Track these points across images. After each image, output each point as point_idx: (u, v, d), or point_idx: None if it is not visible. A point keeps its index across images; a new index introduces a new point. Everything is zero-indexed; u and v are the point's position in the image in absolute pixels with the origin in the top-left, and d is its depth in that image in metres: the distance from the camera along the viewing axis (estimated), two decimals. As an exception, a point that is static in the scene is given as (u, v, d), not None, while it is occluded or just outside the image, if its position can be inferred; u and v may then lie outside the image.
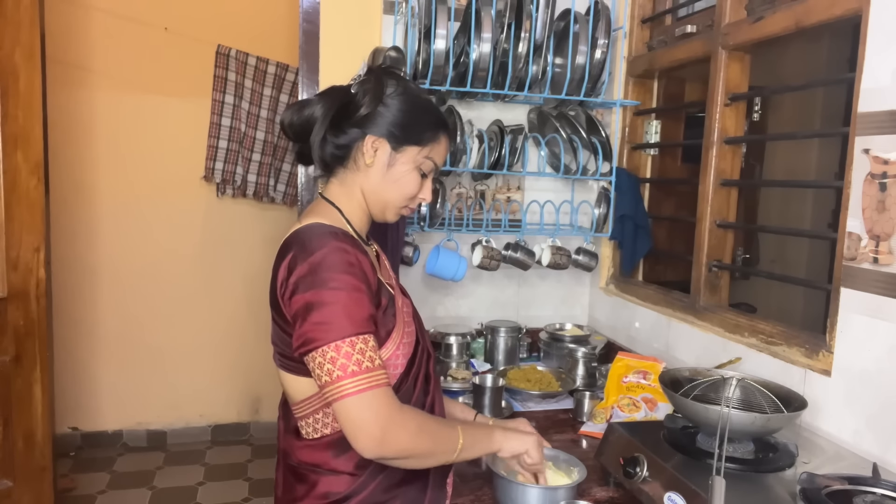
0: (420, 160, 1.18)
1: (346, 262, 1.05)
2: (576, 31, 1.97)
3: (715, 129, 1.77)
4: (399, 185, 1.18)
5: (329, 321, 1.00)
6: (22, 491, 2.17)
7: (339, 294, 1.02)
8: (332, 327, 1.00)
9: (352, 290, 1.03)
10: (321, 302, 1.01)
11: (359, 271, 1.05)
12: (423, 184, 1.20)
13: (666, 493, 1.11)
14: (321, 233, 1.08)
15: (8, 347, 2.12)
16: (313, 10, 2.00)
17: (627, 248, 2.14)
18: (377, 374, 1.01)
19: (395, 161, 1.17)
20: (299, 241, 1.08)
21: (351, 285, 1.03)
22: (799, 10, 1.47)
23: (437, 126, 1.19)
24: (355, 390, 0.98)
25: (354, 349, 1.00)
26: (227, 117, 3.52)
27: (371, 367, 1.00)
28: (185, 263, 3.61)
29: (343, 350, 0.99)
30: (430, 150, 1.18)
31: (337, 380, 0.99)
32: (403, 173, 1.17)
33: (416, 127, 1.17)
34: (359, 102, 1.15)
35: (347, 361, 0.99)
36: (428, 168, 1.19)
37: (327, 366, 1.00)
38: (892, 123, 1.22)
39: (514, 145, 2.03)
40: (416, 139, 1.17)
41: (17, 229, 2.10)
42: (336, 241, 1.07)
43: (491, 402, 1.67)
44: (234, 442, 3.75)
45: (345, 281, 1.03)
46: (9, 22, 2.03)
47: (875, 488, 1.04)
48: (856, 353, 1.30)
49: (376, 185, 1.18)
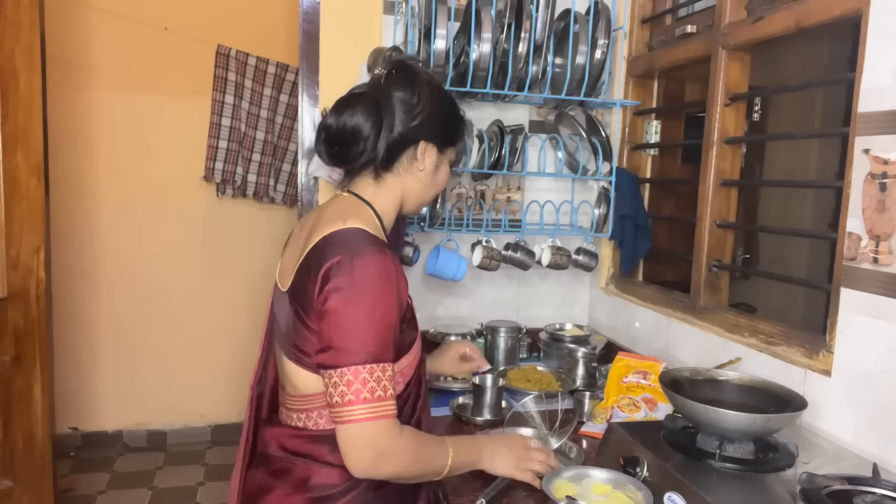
0: (451, 156, 1.23)
1: (387, 282, 1.04)
2: (576, 31, 1.97)
3: (715, 129, 1.77)
4: (438, 183, 1.23)
5: (355, 343, 1.01)
6: (22, 491, 2.17)
7: (372, 318, 1.02)
8: (356, 350, 1.01)
9: (385, 315, 1.03)
10: (353, 321, 1.02)
11: (396, 292, 1.05)
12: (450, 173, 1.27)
13: (666, 493, 1.11)
14: (368, 244, 1.06)
15: (8, 347, 2.12)
16: (313, 10, 2.00)
17: (627, 248, 2.14)
18: (387, 404, 1.02)
19: (442, 162, 1.21)
20: (346, 247, 1.05)
21: (386, 309, 1.03)
22: (799, 10, 1.47)
23: (464, 121, 1.25)
24: (361, 418, 1.00)
25: (372, 377, 1.01)
26: (227, 117, 3.52)
27: (383, 397, 1.01)
28: (185, 263, 3.61)
29: (361, 376, 1.01)
30: (460, 146, 1.25)
31: (348, 403, 1.00)
32: (444, 172, 1.22)
33: (456, 128, 1.21)
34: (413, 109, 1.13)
35: (362, 388, 1.00)
36: (452, 160, 1.25)
37: (342, 387, 1.01)
38: (892, 123, 1.22)
39: (514, 145, 2.03)
40: (454, 139, 1.21)
41: (17, 229, 2.10)
42: (382, 257, 1.05)
43: (491, 402, 1.67)
44: (234, 442, 3.71)
45: (382, 305, 1.03)
46: (9, 22, 2.03)
47: (875, 488, 1.04)
48: (856, 353, 1.30)
49: (422, 187, 1.20)
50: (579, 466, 1.28)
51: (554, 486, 1.20)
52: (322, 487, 1.10)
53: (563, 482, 1.22)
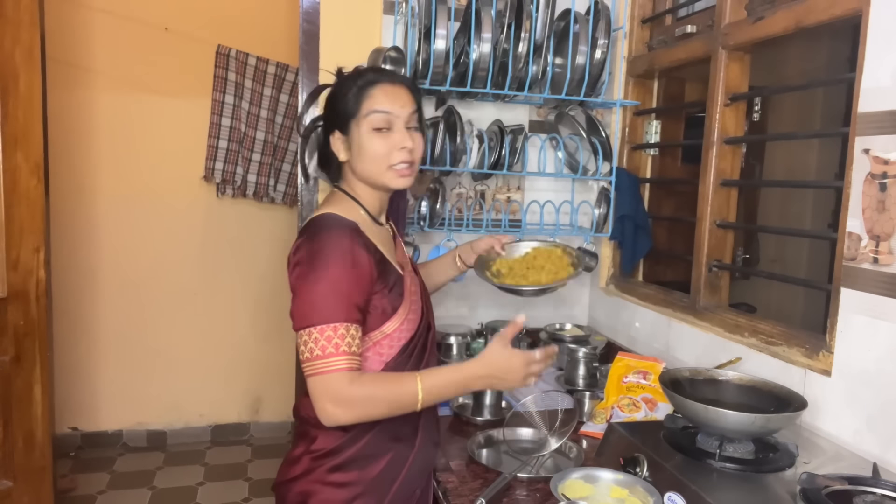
0: (364, 122, 1.25)
1: (339, 255, 1.17)
2: (576, 31, 1.97)
3: (715, 129, 1.77)
4: (366, 154, 1.26)
5: (310, 306, 1.15)
6: (22, 491, 2.17)
7: (320, 285, 1.15)
8: (311, 312, 1.15)
9: (335, 283, 1.15)
10: (308, 287, 1.16)
11: (351, 263, 1.17)
12: (389, 137, 1.26)
13: (666, 493, 1.11)
14: (329, 223, 1.21)
15: (8, 347, 2.12)
16: (313, 10, 2.00)
17: (627, 248, 2.14)
18: (336, 359, 1.13)
19: (351, 141, 1.27)
20: (310, 228, 1.22)
21: (338, 276, 1.15)
22: (799, 10, 1.47)
23: (362, 89, 1.25)
24: (313, 372, 1.13)
25: (322, 336, 1.13)
26: (227, 117, 3.52)
27: (334, 353, 1.13)
28: (185, 263, 3.61)
29: (313, 336, 1.14)
30: (363, 109, 1.25)
31: (306, 360, 1.14)
32: (363, 144, 1.25)
33: (344, 104, 1.26)
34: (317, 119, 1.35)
35: (315, 346, 1.13)
36: (377, 120, 1.25)
37: (301, 346, 1.15)
38: (892, 123, 1.22)
39: (514, 145, 2.03)
40: (349, 113, 1.26)
41: (17, 229, 2.10)
42: (337, 232, 1.19)
43: (491, 402, 1.67)
44: (234, 442, 3.74)
45: (331, 273, 1.15)
46: (9, 22, 2.03)
47: (875, 488, 1.04)
48: (856, 353, 1.30)
49: (357, 168, 1.28)
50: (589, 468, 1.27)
51: (565, 485, 1.20)
52: (323, 449, 1.23)
53: (574, 481, 1.22)
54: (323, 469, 1.23)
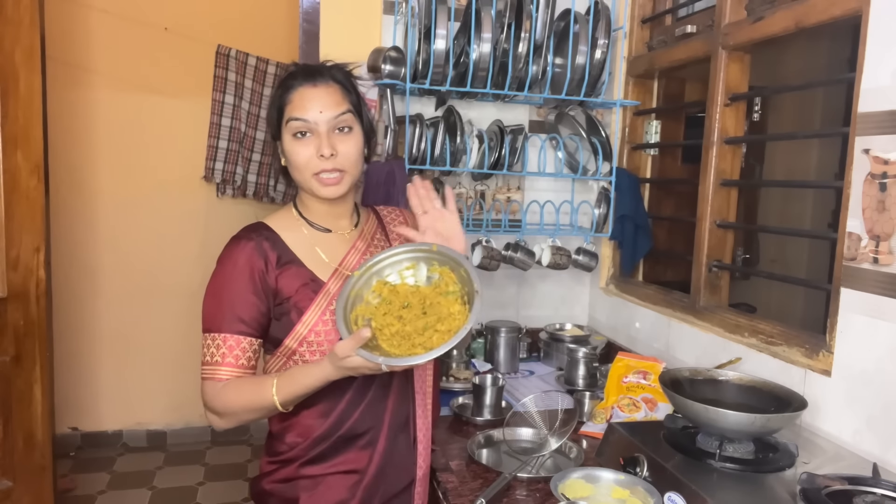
0: (287, 130, 1.23)
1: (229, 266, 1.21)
2: (576, 31, 1.97)
3: (715, 129, 1.77)
4: (292, 163, 1.24)
5: (203, 315, 1.21)
6: (22, 491, 2.17)
7: (207, 295, 1.22)
8: (203, 320, 1.21)
9: (217, 292, 1.20)
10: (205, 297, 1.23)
11: (237, 275, 1.20)
12: (309, 143, 1.21)
13: (666, 493, 1.11)
14: (236, 236, 1.26)
15: (8, 347, 2.11)
16: (313, 10, 2.00)
17: (627, 248, 2.14)
18: (211, 368, 1.19)
19: (283, 150, 1.25)
20: None
21: (219, 287, 1.21)
22: (799, 10, 1.47)
23: (282, 96, 1.23)
24: (201, 377, 1.20)
25: (203, 344, 1.20)
26: (227, 117, 3.52)
27: (208, 362, 1.19)
28: (185, 263, 3.61)
29: (204, 341, 1.21)
30: (286, 115, 1.22)
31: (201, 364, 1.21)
32: (287, 152, 1.24)
33: (270, 114, 1.26)
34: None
35: (204, 351, 1.20)
36: (296, 127, 1.21)
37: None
38: (892, 123, 1.22)
39: (514, 145, 2.03)
40: (275, 121, 1.25)
41: (17, 229, 2.10)
42: (231, 245, 1.24)
43: (491, 402, 1.67)
44: (234, 442, 3.74)
45: (216, 283, 1.21)
46: (9, 22, 2.03)
47: (875, 488, 1.04)
48: (856, 353, 1.30)
49: (293, 174, 1.26)
50: (590, 468, 1.26)
51: (565, 485, 1.20)
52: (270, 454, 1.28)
53: (575, 481, 1.21)
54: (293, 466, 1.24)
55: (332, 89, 1.21)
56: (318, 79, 1.21)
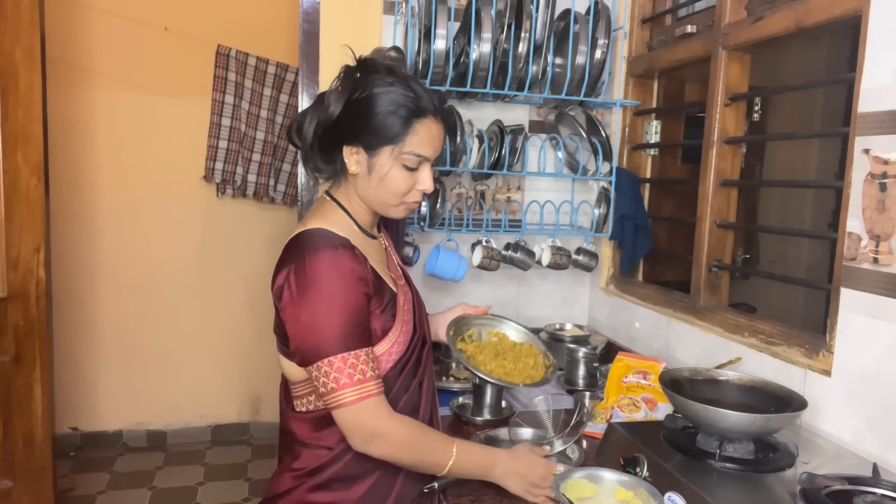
0: (398, 157, 1.17)
1: (340, 276, 1.10)
2: (576, 31, 1.97)
3: (715, 129, 1.77)
4: (386, 186, 1.19)
5: (321, 338, 1.09)
6: (22, 491, 2.17)
7: (332, 311, 1.09)
8: (325, 344, 1.09)
9: (345, 306, 1.10)
10: (314, 318, 1.09)
11: (353, 283, 1.12)
12: (414, 176, 1.20)
13: (666, 493, 1.11)
14: (319, 243, 1.13)
15: (8, 347, 2.12)
16: (313, 10, 2.00)
17: (627, 248, 2.14)
18: (369, 385, 1.10)
19: (374, 165, 1.18)
20: (298, 250, 1.14)
21: (345, 301, 1.10)
22: (799, 10, 1.47)
23: (409, 118, 1.16)
24: (347, 401, 1.09)
25: (346, 364, 1.09)
26: (227, 117, 3.52)
27: (363, 380, 1.09)
28: (185, 263, 3.61)
29: (336, 365, 1.08)
30: (404, 144, 1.17)
31: (331, 391, 1.09)
32: (385, 173, 1.18)
33: (383, 126, 1.15)
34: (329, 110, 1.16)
35: (340, 375, 1.08)
36: (412, 162, 1.18)
37: (322, 378, 1.10)
38: (892, 123, 1.22)
39: (514, 145, 2.03)
40: (386, 139, 1.16)
41: (17, 229, 2.10)
42: (332, 253, 1.12)
43: (491, 403, 1.67)
44: (234, 442, 3.74)
45: (339, 297, 1.10)
46: (9, 22, 2.03)
47: (875, 488, 1.04)
48: (856, 353, 1.30)
49: (366, 189, 1.21)
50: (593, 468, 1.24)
51: (567, 484, 1.17)
52: (307, 467, 1.19)
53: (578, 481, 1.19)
54: (304, 488, 1.19)
55: (443, 126, 1.23)
56: (438, 112, 1.20)
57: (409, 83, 1.17)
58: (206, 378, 3.70)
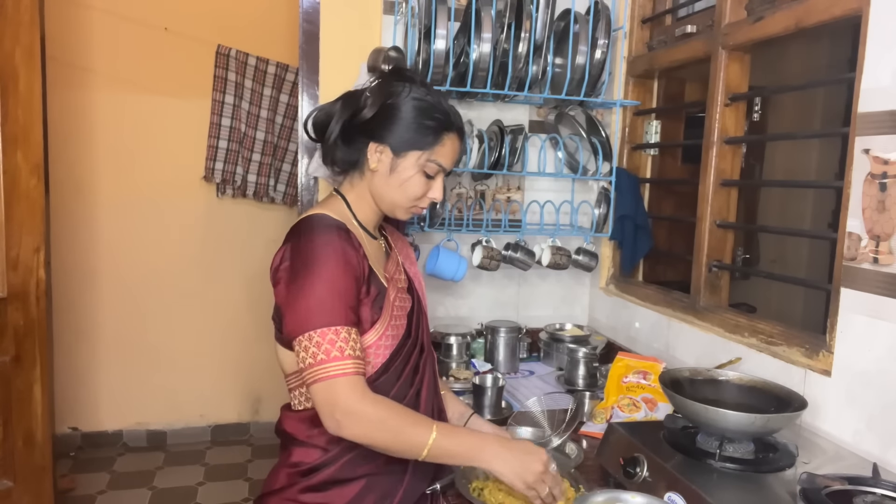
0: (423, 163, 1.23)
1: (332, 253, 1.13)
2: (576, 31, 1.97)
3: (715, 129, 1.77)
4: (404, 188, 1.23)
5: (305, 311, 1.09)
6: (22, 491, 2.17)
7: (316, 286, 1.10)
8: (308, 318, 1.09)
9: (332, 283, 1.11)
10: (302, 292, 1.10)
11: (343, 263, 1.13)
12: (429, 184, 1.26)
13: (666, 493, 1.10)
14: (317, 225, 1.17)
15: (8, 347, 2.12)
16: (313, 10, 2.00)
17: (627, 248, 2.14)
18: (346, 363, 1.08)
19: (398, 166, 1.22)
20: (296, 232, 1.17)
21: (332, 277, 1.11)
22: (799, 10, 1.47)
23: (440, 130, 1.23)
24: (323, 377, 1.07)
25: (325, 339, 1.08)
26: (227, 117, 3.52)
27: (340, 357, 1.08)
28: (185, 263, 3.61)
29: (315, 339, 1.08)
30: (432, 153, 1.23)
31: (309, 366, 1.09)
32: (407, 177, 1.23)
33: (417, 132, 1.21)
34: (364, 109, 1.21)
35: (318, 350, 1.08)
36: (433, 170, 1.25)
37: (302, 353, 1.09)
38: (892, 123, 1.22)
39: (514, 145, 2.03)
40: (417, 144, 1.21)
41: (17, 229, 2.10)
42: (327, 232, 1.15)
43: (491, 402, 1.67)
44: (234, 442, 3.74)
45: (326, 273, 1.11)
46: (9, 22, 2.03)
47: (875, 488, 1.04)
48: (856, 353, 1.30)
49: (382, 187, 1.24)
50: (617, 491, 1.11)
51: None
52: (301, 464, 1.20)
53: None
54: (296, 488, 1.19)
55: (461, 146, 1.31)
56: (461, 130, 1.29)
57: (440, 98, 1.25)
58: (206, 378, 3.70)
